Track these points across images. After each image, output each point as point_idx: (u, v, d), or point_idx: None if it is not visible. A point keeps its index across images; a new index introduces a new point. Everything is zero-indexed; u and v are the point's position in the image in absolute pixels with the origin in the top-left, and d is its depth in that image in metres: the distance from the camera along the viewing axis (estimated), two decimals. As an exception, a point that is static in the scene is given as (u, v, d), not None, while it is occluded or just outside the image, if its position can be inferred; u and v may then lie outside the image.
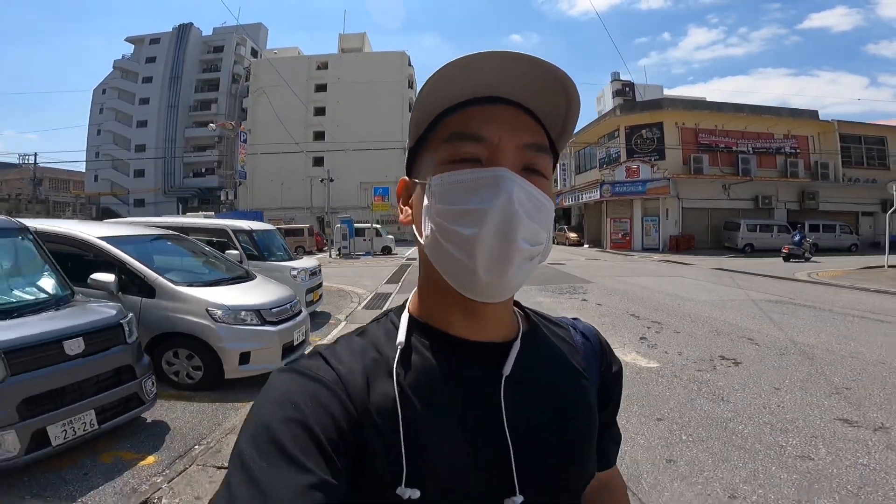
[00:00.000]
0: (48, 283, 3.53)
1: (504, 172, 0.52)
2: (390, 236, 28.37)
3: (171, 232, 5.98)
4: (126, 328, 3.48)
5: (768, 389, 4.54)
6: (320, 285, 8.76)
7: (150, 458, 3.51)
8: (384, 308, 3.82)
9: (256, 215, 14.38)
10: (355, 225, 26.02)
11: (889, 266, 16.32)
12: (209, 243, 6.73)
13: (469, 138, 0.55)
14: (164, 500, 3.00)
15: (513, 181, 0.52)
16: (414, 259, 22.85)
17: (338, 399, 0.53)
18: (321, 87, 46.57)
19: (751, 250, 24.27)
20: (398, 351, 0.57)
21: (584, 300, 9.80)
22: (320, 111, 45.68)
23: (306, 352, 0.61)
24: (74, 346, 2.99)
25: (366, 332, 0.62)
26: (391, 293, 11.42)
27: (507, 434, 0.55)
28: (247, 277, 5.75)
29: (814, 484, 2.92)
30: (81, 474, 3.22)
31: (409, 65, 48.29)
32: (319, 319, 8.21)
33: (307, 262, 8.97)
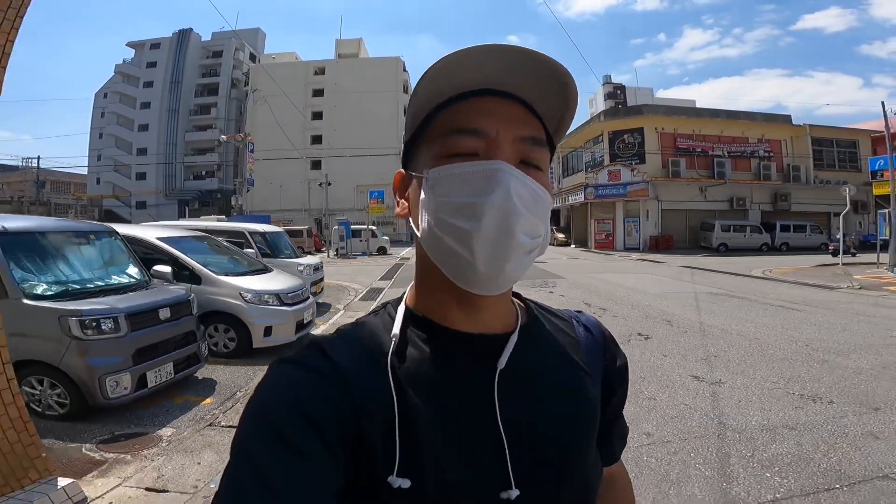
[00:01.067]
0: (134, 271, 4.98)
1: (501, 165, 0.53)
2: (385, 237, 29.81)
3: (205, 234, 7.44)
4: (192, 303, 4.94)
5: (658, 356, 6.01)
6: (322, 280, 10.21)
7: (208, 400, 4.93)
8: (378, 300, 6.31)
9: (265, 219, 15.78)
10: (352, 227, 27.47)
11: (843, 264, 17.88)
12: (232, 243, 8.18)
13: (466, 132, 0.55)
14: (222, 422, 4.44)
15: (510, 174, 0.52)
16: (407, 259, 24.29)
17: (335, 389, 0.53)
18: (318, 92, 47.97)
19: (725, 249, 25.75)
20: (393, 342, 0.58)
21: (551, 292, 11.29)
22: (318, 115, 47.14)
23: (313, 331, 1.36)
24: (165, 313, 4.45)
25: (363, 323, 0.63)
26: (384, 288, 12.87)
27: (501, 428, 0.55)
28: (265, 270, 7.20)
29: (649, 413, 4.33)
30: (164, 410, 4.61)
31: (405, 70, 49.74)
32: (321, 309, 9.63)
33: (311, 259, 10.43)
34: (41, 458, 2.84)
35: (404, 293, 0.65)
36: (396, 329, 0.59)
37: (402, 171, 0.64)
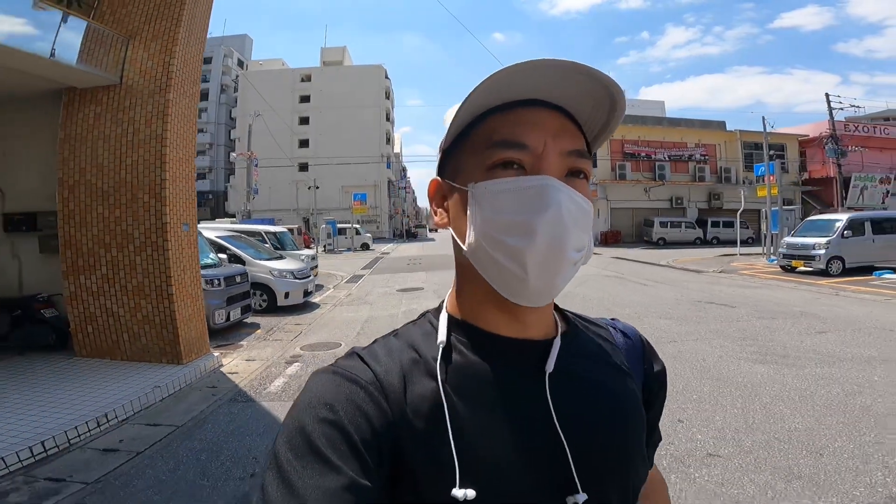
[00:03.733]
0: (214, 256, 8.58)
1: (550, 181, 0.53)
2: (368, 235, 33.45)
3: (239, 233, 11.05)
4: (247, 275, 8.58)
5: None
6: (316, 266, 13.83)
7: (259, 331, 8.52)
8: (358, 283, 12.59)
9: (269, 221, 19.30)
10: (338, 225, 31.05)
11: (740, 254, 21.86)
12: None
13: (514, 145, 0.55)
14: (265, 339, 8.05)
15: (559, 190, 0.53)
16: (388, 253, 27.93)
17: (374, 400, 0.53)
18: (305, 98, 51.12)
19: (663, 243, 29.64)
20: (440, 350, 0.57)
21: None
22: (304, 120, 50.34)
23: (313, 299, 3.66)
24: (238, 279, 8.08)
25: (402, 332, 0.63)
26: (364, 275, 16.51)
27: (559, 430, 0.55)
28: (281, 257, 10.82)
29: None
30: (236, 333, 8.19)
31: (387, 77, 53.17)
32: (316, 287, 13.26)
33: (308, 251, 14.07)
34: (207, 343, 6.47)
35: (443, 301, 0.65)
36: (443, 335, 0.59)
37: (439, 179, 0.63)
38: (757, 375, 5.20)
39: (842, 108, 32.33)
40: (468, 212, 0.56)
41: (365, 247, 31.97)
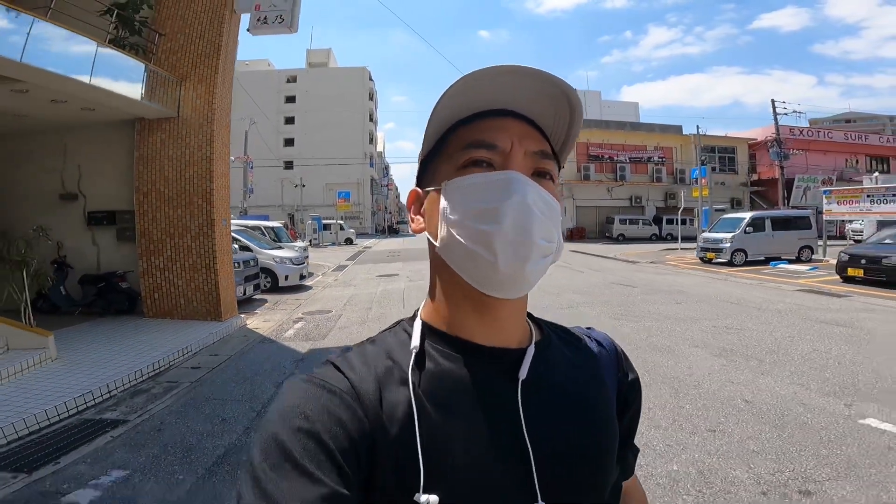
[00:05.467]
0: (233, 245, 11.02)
1: (516, 175, 0.56)
2: (352, 230, 35.91)
3: (245, 228, 13.48)
4: (257, 260, 11.04)
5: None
6: (307, 256, 16.26)
7: (267, 303, 10.93)
8: (343, 271, 16.27)
9: (264, 217, 21.71)
10: (323, 221, 33.43)
11: (682, 248, 24.69)
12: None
13: (483, 145, 0.58)
14: (277, 307, 10.51)
15: (525, 182, 0.56)
16: (370, 247, 30.37)
17: (349, 408, 0.53)
18: (290, 99, 53.12)
19: (623, 239, 32.51)
20: (412, 356, 0.58)
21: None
22: (290, 120, 52.37)
23: (306, 282, 5.50)
24: (252, 263, 10.55)
25: (377, 340, 0.63)
26: (348, 265, 18.99)
27: (527, 439, 0.56)
28: (280, 247, 13.27)
29: None
30: (250, 305, 10.57)
31: (370, 79, 55.37)
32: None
33: (300, 243, 16.50)
34: (236, 308, 8.91)
35: (418, 310, 0.66)
36: (416, 342, 0.59)
37: (418, 189, 0.66)
38: (607, 327, 7.80)
39: (786, 114, 35.69)
40: (440, 206, 0.59)
41: (348, 241, 34.39)
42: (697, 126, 27.17)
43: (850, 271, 11.90)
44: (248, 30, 9.25)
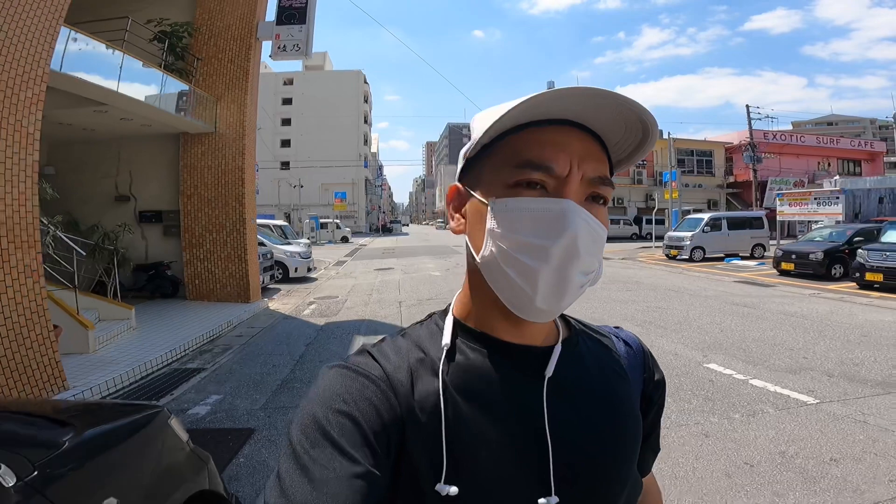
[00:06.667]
0: (250, 242, 12.80)
1: (570, 206, 0.55)
2: (348, 229, 37.69)
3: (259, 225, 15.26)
4: (272, 254, 12.83)
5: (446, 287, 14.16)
6: (311, 252, 18.05)
7: (281, 292, 12.70)
8: (343, 266, 19.02)
9: (270, 217, 23.56)
10: (321, 220, 35.20)
11: (655, 247, 26.58)
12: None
13: (539, 168, 0.56)
14: (290, 294, 12.28)
15: (577, 214, 0.54)
16: (365, 245, 32.14)
17: (383, 394, 0.56)
18: (287, 101, 54.68)
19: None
20: (444, 351, 0.60)
21: (447, 260, 19.39)
22: (286, 122, 53.95)
23: (312, 275, 7.06)
24: (268, 256, 12.33)
25: (410, 332, 0.66)
26: (347, 261, 20.80)
27: (548, 436, 0.57)
28: (289, 242, 15.05)
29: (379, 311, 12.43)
30: (266, 293, 12.40)
31: (365, 82, 57.05)
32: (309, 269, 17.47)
33: (306, 240, 18.28)
34: (259, 293, 10.69)
35: (450, 304, 0.67)
36: (447, 338, 0.61)
37: (459, 185, 0.65)
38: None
39: (759, 118, 37.78)
40: (487, 225, 0.57)
41: (345, 240, 36.16)
42: (669, 132, 29.13)
43: (784, 265, 13.86)
44: (269, 56, 11.07)
